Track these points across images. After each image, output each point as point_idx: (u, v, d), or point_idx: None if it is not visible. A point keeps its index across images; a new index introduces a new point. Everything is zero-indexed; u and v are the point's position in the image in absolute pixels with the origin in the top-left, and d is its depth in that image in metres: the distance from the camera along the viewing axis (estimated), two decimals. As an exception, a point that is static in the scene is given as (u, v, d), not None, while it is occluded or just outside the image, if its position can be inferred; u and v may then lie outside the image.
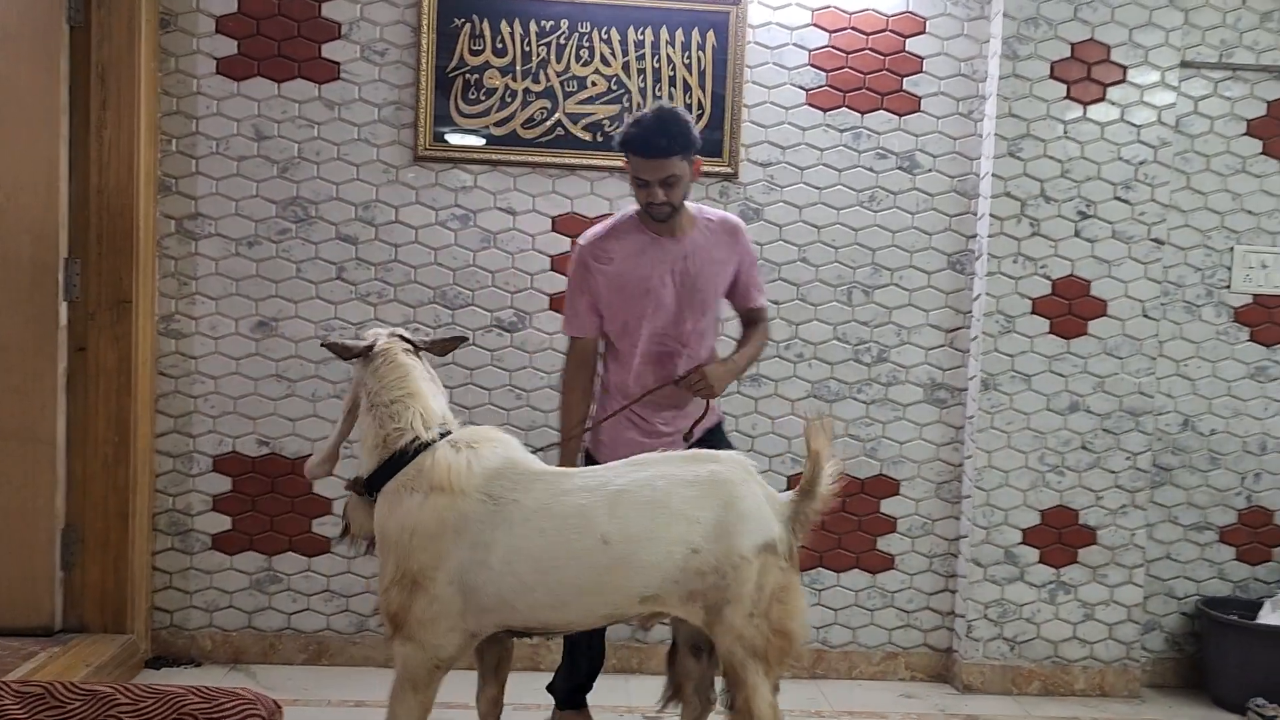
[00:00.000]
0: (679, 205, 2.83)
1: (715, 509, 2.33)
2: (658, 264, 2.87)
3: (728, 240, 2.96)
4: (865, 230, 3.81)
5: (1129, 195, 3.73)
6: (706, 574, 2.32)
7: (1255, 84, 3.87)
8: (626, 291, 2.88)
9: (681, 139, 2.74)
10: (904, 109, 3.79)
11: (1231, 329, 3.92)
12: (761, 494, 2.41)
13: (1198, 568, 3.96)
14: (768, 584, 2.33)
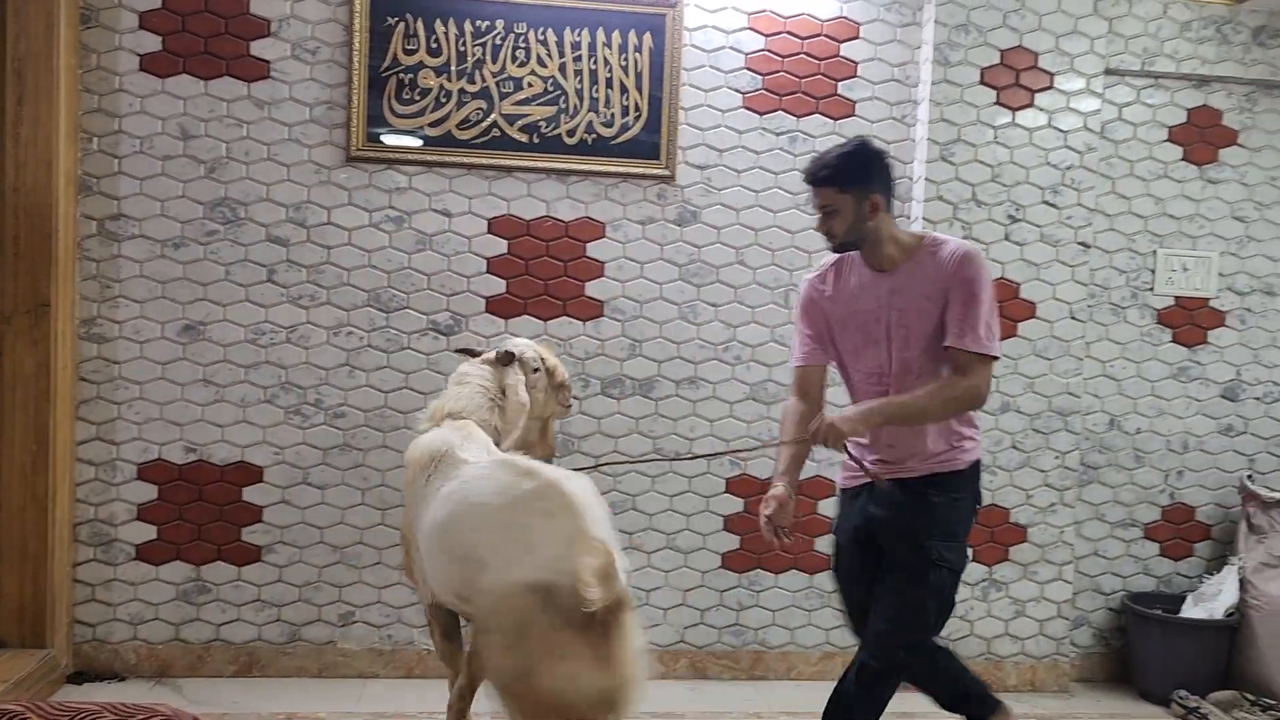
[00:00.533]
0: (843, 238, 2.67)
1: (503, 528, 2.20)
2: (867, 298, 2.70)
3: (941, 271, 2.60)
4: (802, 233, 3.84)
5: (1056, 200, 3.81)
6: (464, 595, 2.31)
7: (1176, 92, 3.98)
8: (841, 325, 2.77)
9: (831, 171, 2.63)
10: (839, 113, 3.83)
11: (1155, 330, 4.03)
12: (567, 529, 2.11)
13: (1124, 564, 4.06)
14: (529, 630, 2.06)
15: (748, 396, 3.84)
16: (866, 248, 2.67)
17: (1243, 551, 3.91)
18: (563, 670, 2.03)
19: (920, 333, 2.62)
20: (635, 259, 3.77)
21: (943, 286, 2.58)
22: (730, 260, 3.82)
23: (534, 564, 2.08)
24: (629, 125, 3.71)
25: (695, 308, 3.80)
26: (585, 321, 3.77)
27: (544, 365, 2.92)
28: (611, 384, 3.79)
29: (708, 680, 3.86)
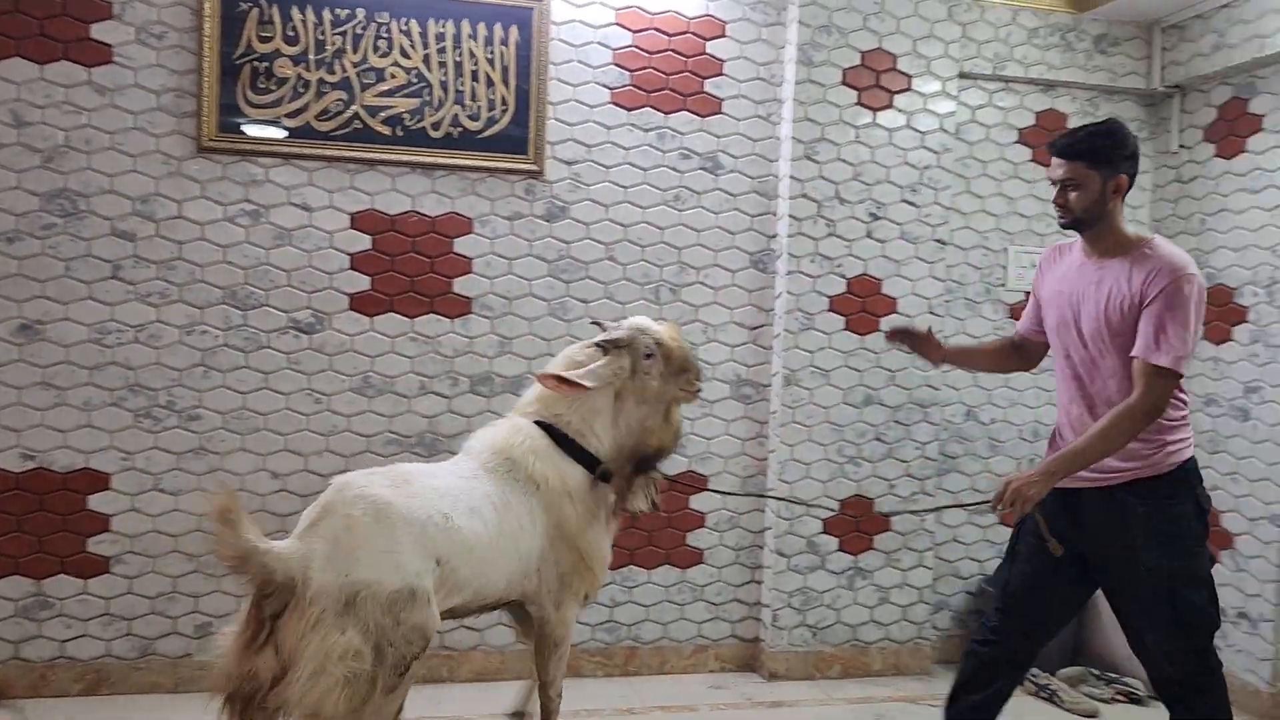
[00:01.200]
0: (1080, 214, 2.63)
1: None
2: (1077, 281, 2.69)
3: (1147, 277, 2.55)
4: (671, 229, 3.86)
5: (915, 198, 3.93)
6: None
7: (1025, 95, 4.16)
8: (1052, 299, 2.77)
9: (1085, 146, 2.60)
10: (706, 110, 3.86)
11: (1007, 324, 4.19)
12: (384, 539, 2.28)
13: (980, 548, 4.22)
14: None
15: (619, 393, 3.84)
16: (1093, 231, 2.64)
17: (1088, 534, 4.11)
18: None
19: (1113, 332, 2.59)
20: (504, 255, 3.72)
21: (1142, 295, 2.54)
22: (600, 256, 3.81)
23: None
24: (496, 119, 3.65)
25: (565, 304, 3.78)
26: (453, 319, 3.70)
27: (659, 350, 2.77)
28: (481, 382, 3.73)
29: (581, 678, 3.84)
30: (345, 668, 2.15)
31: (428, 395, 3.69)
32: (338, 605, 2.17)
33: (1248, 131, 3.83)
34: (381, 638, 2.20)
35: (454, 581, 2.41)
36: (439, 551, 2.35)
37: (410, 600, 2.25)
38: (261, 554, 2.16)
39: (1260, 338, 3.74)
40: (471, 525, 2.44)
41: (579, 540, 2.66)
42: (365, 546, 2.24)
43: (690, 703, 3.67)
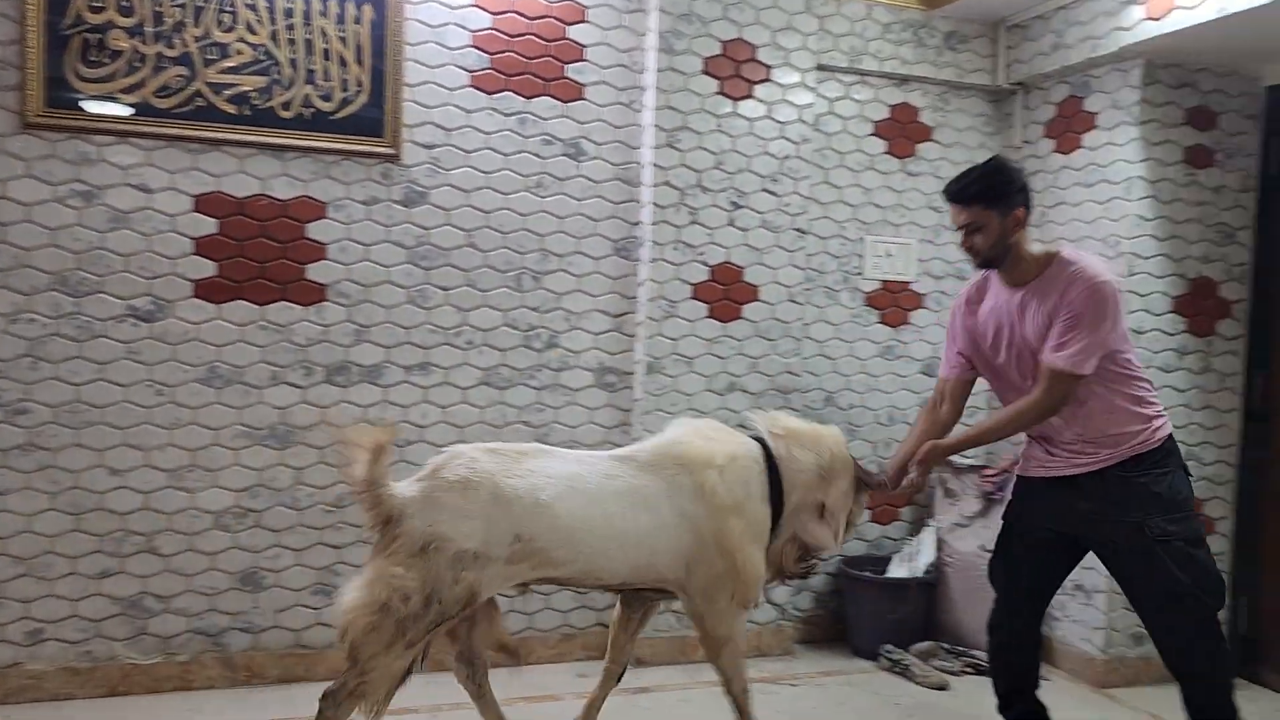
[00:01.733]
0: (988, 253, 2.81)
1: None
2: (1000, 315, 2.88)
3: (1063, 289, 2.72)
4: (533, 216, 3.81)
5: (775, 188, 3.99)
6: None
7: (880, 89, 4.27)
8: (986, 333, 2.92)
9: (977, 189, 2.78)
10: (568, 96, 3.82)
11: (864, 312, 4.31)
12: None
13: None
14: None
15: (481, 382, 3.78)
16: (1005, 264, 2.81)
17: (939, 514, 4.28)
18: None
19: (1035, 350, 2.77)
20: (360, 241, 3.61)
21: (1056, 308, 2.72)
22: (460, 243, 3.73)
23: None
24: (350, 100, 3.53)
25: (425, 291, 3.69)
26: (307, 306, 3.57)
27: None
28: (337, 371, 3.61)
29: (445, 671, 3.75)
30: (388, 595, 2.47)
31: (280, 386, 3.56)
32: (413, 547, 2.51)
33: (1083, 128, 4.03)
34: (435, 591, 2.51)
35: (544, 557, 2.66)
36: (520, 529, 2.60)
37: (473, 562, 2.55)
38: (379, 488, 2.52)
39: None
40: (576, 510, 2.67)
41: (736, 554, 2.79)
42: (450, 508, 2.55)
43: (554, 692, 3.65)
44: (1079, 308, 2.68)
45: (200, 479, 3.49)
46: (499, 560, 2.61)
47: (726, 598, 2.83)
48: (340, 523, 3.64)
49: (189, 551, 3.49)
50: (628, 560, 2.76)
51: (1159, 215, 3.85)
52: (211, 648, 3.53)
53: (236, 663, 3.55)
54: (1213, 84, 3.89)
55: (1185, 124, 3.86)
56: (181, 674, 3.49)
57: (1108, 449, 2.77)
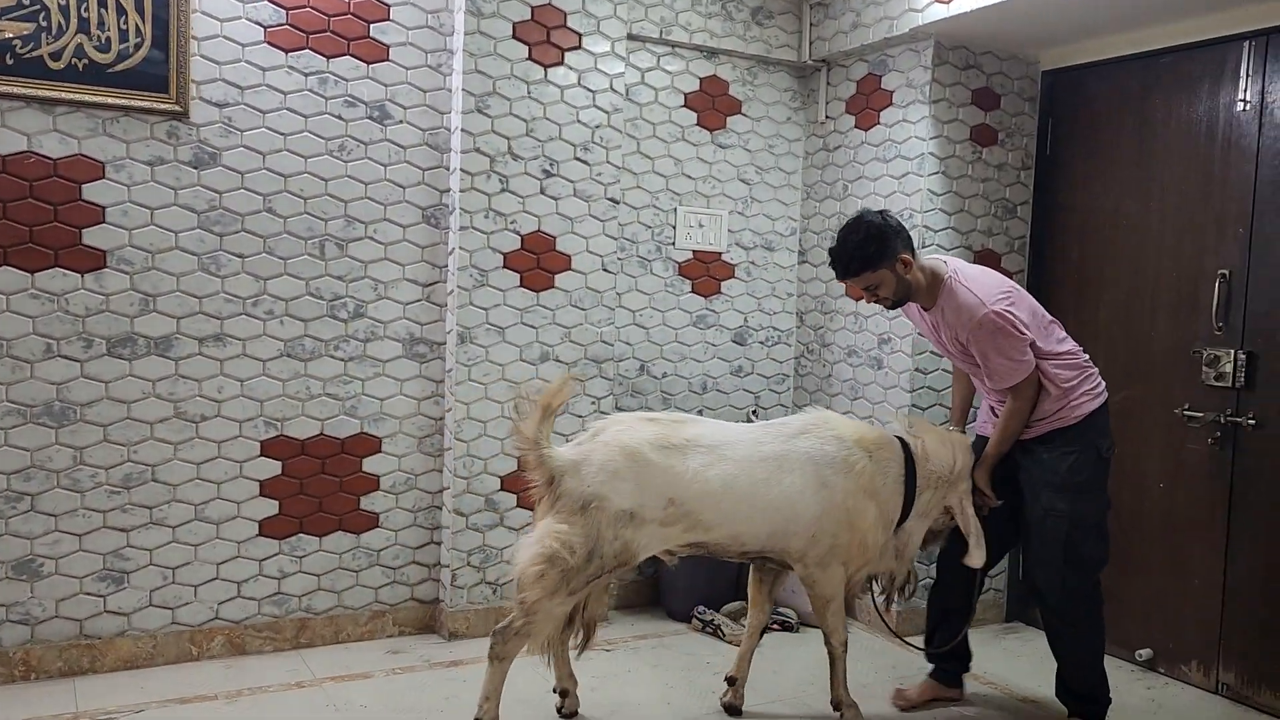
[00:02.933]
0: (896, 299, 3.13)
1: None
2: (931, 326, 3.26)
3: (958, 325, 3.10)
4: (336, 181, 3.67)
5: (587, 156, 3.98)
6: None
7: (690, 61, 4.32)
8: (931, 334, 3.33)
9: (858, 261, 3.04)
10: (372, 56, 3.69)
11: (676, 281, 4.38)
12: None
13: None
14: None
15: (282, 354, 3.62)
16: (913, 296, 3.13)
17: (749, 478, 4.41)
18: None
19: (968, 361, 3.19)
20: (144, 204, 3.38)
21: (962, 335, 3.10)
22: (257, 208, 3.55)
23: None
24: (129, 52, 3.29)
25: (218, 258, 3.50)
26: (84, 274, 3.32)
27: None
28: (121, 343, 3.38)
29: (247, 655, 3.63)
30: (555, 547, 2.79)
31: (55, 359, 3.30)
32: (574, 505, 2.84)
33: (881, 105, 4.20)
34: (597, 546, 2.83)
35: (694, 520, 2.92)
36: (673, 493, 2.88)
37: (629, 521, 2.85)
38: (542, 449, 2.84)
39: (891, 294, 4.14)
40: (728, 478, 2.93)
41: (867, 535, 3.06)
42: (612, 471, 2.85)
43: (366, 670, 3.57)
44: (981, 345, 3.06)
45: (-36, 461, 3.21)
46: (654, 522, 2.88)
47: (839, 564, 3.08)
48: (128, 505, 3.43)
49: (-48, 540, 3.21)
50: (769, 523, 2.99)
51: (948, 190, 4.07)
52: (-19, 643, 3.27)
53: (11, 657, 3.30)
54: (996, 67, 4.13)
55: (971, 104, 4.09)
56: (-54, 673, 3.22)
57: (1033, 421, 3.14)
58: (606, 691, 3.46)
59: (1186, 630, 3.71)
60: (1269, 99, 3.44)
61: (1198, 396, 3.63)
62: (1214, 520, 3.60)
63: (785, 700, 3.45)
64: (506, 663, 2.90)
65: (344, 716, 3.18)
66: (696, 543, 3.01)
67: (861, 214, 3.13)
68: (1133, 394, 3.84)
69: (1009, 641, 4.14)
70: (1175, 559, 3.74)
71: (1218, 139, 3.60)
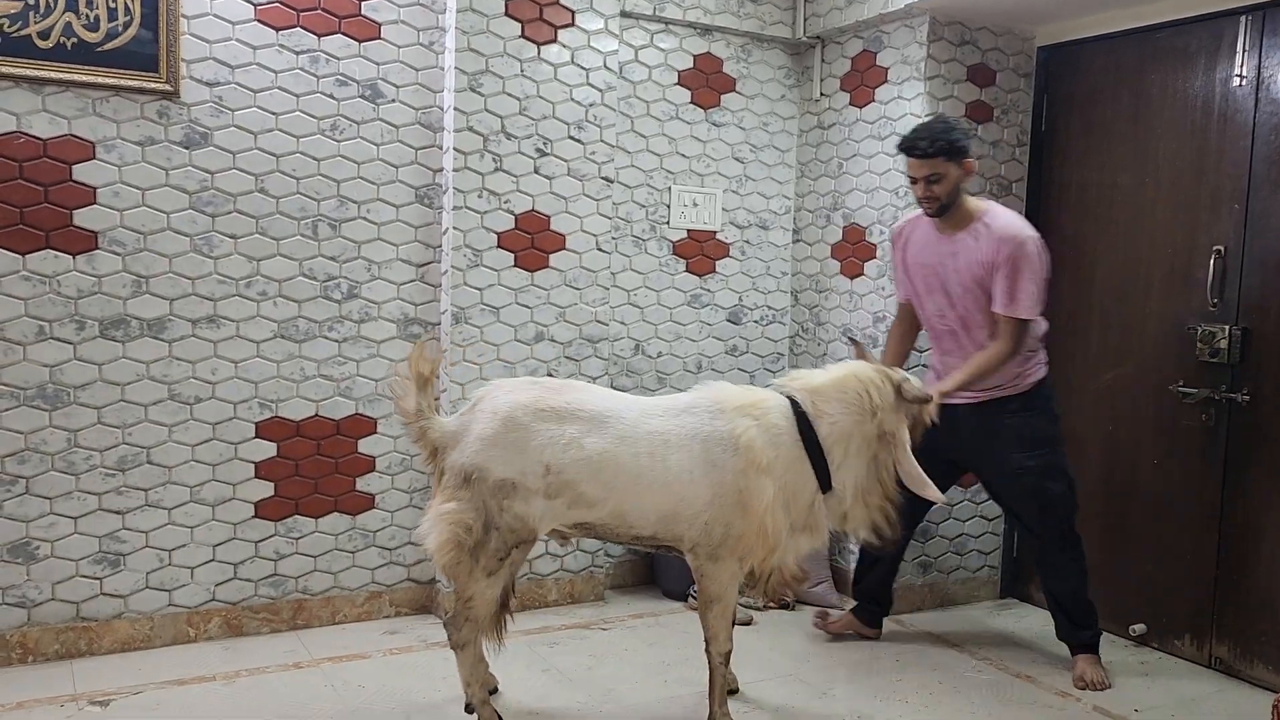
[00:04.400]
0: (945, 200, 3.23)
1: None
2: (934, 254, 3.32)
3: (995, 247, 3.20)
4: (329, 160, 3.64)
5: (581, 135, 3.96)
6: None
7: (684, 38, 4.29)
8: (918, 271, 3.39)
9: (942, 144, 3.16)
10: (364, 35, 3.66)
11: (671, 261, 4.37)
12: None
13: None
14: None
15: (276, 335, 3.61)
16: (950, 211, 3.23)
17: (745, 457, 4.41)
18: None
19: (978, 292, 3.27)
20: (135, 184, 3.36)
21: (992, 264, 3.19)
22: (249, 188, 3.53)
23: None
24: (118, 31, 3.26)
25: (211, 239, 3.48)
26: (75, 255, 3.30)
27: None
28: (113, 325, 3.37)
29: (245, 637, 3.64)
30: (453, 529, 2.69)
31: (48, 341, 3.28)
32: (459, 479, 2.72)
33: (876, 82, 4.18)
34: (490, 517, 2.71)
35: (575, 494, 2.74)
36: (549, 460, 2.71)
37: (512, 491, 2.71)
38: (425, 420, 2.79)
39: (886, 272, 4.13)
40: (607, 449, 2.73)
41: (765, 516, 2.75)
42: (488, 439, 2.71)
43: (363, 650, 3.57)
44: (1017, 268, 3.16)
45: (-43, 445, 3.20)
46: (537, 493, 2.73)
47: (734, 559, 2.80)
48: (123, 487, 3.42)
49: (-53, 524, 3.21)
50: (657, 506, 2.77)
51: (943, 168, 4.05)
52: (-22, 626, 3.27)
53: (8, 640, 3.30)
54: (991, 43, 4.11)
55: (967, 80, 4.07)
56: (-57, 656, 3.22)
57: (989, 388, 3.32)
58: (602, 670, 3.47)
59: (1179, 605, 3.73)
60: (1265, 74, 3.43)
61: (1192, 373, 3.63)
62: (1207, 496, 3.62)
63: (781, 677, 3.46)
64: (470, 647, 2.83)
65: (342, 696, 3.19)
66: (582, 522, 2.82)
67: (943, 113, 3.49)
68: (1124, 371, 3.85)
69: (1003, 618, 4.16)
70: (1168, 535, 3.76)
71: (1214, 114, 3.59)
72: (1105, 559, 3.96)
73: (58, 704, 3.05)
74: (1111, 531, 3.95)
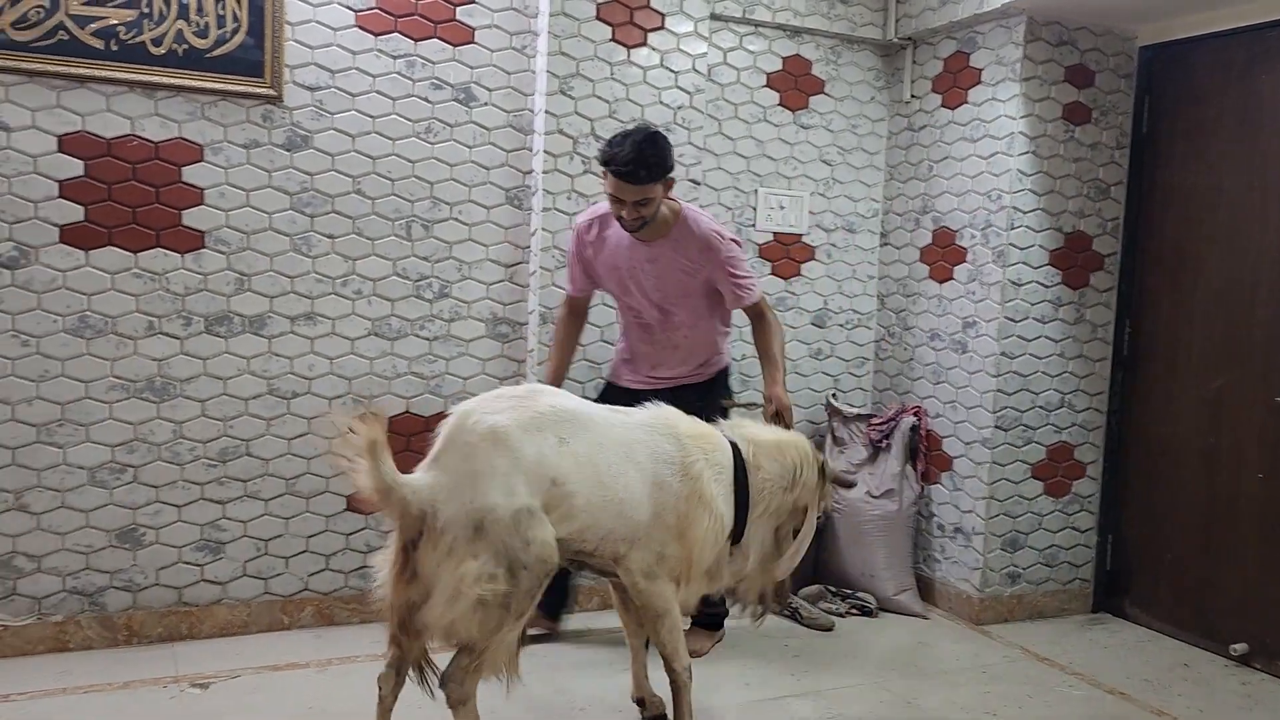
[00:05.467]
0: (650, 219, 3.17)
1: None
2: (631, 259, 3.29)
3: (700, 254, 3.25)
4: (423, 163, 3.72)
5: (670, 138, 3.95)
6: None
7: (773, 40, 4.28)
8: (608, 273, 3.35)
9: (659, 169, 3.08)
10: (458, 39, 3.73)
11: (757, 263, 4.35)
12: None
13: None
14: None
15: (370, 332, 3.70)
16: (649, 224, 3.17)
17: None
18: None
19: (679, 293, 3.29)
20: (240, 186, 3.48)
21: (700, 263, 3.25)
22: (347, 189, 3.62)
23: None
24: (226, 38, 3.38)
25: (309, 239, 3.58)
26: (184, 254, 3.43)
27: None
28: (217, 321, 3.49)
29: (335, 626, 3.74)
30: (479, 590, 2.29)
31: (156, 336, 3.42)
32: (467, 532, 2.32)
33: (969, 84, 4.11)
34: (514, 559, 2.34)
35: (568, 507, 2.46)
36: (555, 472, 2.44)
37: (531, 518, 2.37)
38: (400, 487, 2.31)
39: (976, 277, 4.07)
40: (592, 454, 2.51)
41: (696, 548, 2.66)
42: (485, 471, 2.35)
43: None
44: (732, 261, 3.26)
45: (72, 433, 3.34)
46: (543, 509, 2.41)
47: (668, 574, 2.67)
48: (224, 478, 3.54)
49: (62, 509, 3.35)
50: (608, 520, 2.55)
51: (1038, 170, 3.97)
52: (88, 607, 3.41)
53: (115, 622, 3.44)
54: (1090, 43, 4.01)
55: (1064, 81, 3.98)
56: (56, 635, 3.37)
57: (704, 366, 3.45)
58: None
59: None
60: (1385, 73, 3.29)
61: (1301, 384, 3.50)
62: (1316, 512, 3.48)
63: (865, 685, 3.43)
64: (470, 702, 2.45)
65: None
66: (560, 538, 2.49)
67: (644, 124, 3.39)
68: (1228, 382, 3.72)
69: (1095, 632, 4.05)
70: (1273, 550, 3.61)
71: (1328, 115, 3.45)
72: (1205, 575, 3.83)
73: (161, 685, 3.17)
74: (1212, 547, 3.82)
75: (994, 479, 4.03)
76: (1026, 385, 4.04)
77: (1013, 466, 4.06)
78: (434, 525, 2.33)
